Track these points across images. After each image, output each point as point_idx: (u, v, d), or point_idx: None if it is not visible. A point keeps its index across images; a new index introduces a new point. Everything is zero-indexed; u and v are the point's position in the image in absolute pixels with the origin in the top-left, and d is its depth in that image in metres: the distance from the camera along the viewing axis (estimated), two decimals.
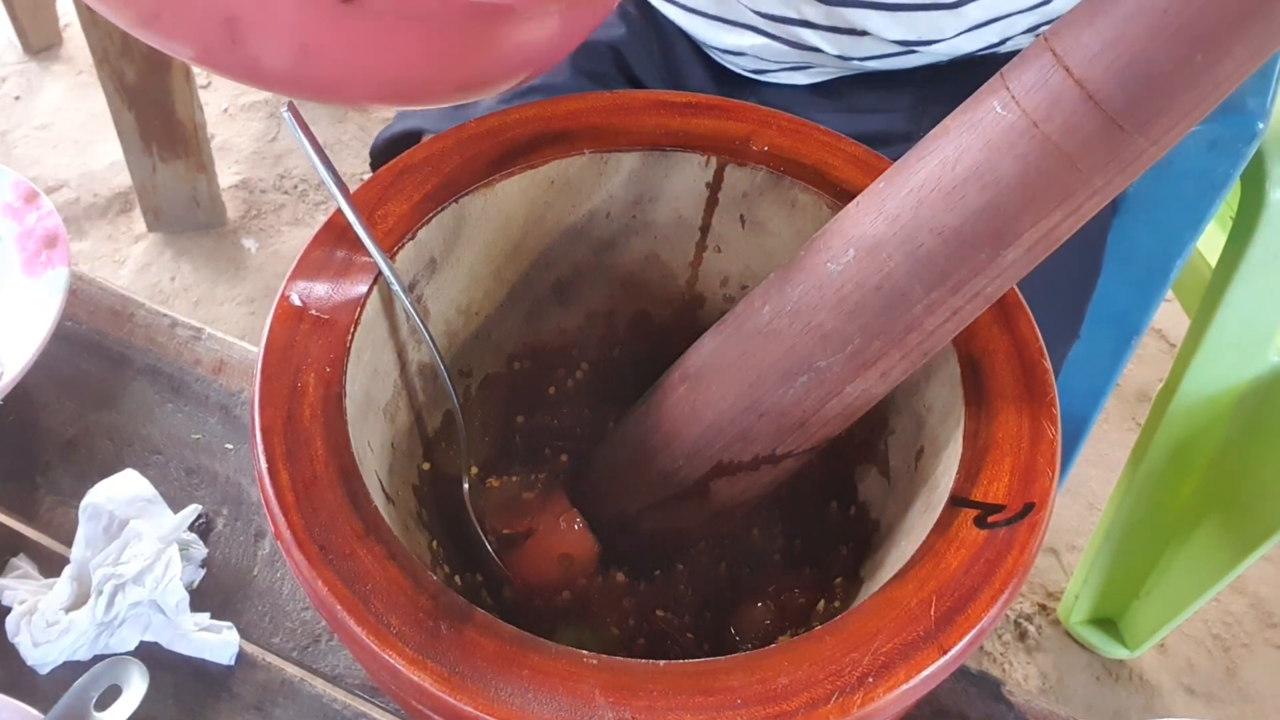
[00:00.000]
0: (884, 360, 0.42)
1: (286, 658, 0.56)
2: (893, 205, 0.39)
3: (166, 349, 0.68)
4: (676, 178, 0.50)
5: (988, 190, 0.37)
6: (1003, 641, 1.26)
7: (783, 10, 0.67)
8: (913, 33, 0.66)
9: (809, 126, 0.51)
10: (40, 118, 1.78)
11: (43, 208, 0.68)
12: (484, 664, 0.35)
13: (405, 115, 0.73)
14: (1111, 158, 0.35)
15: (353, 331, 0.43)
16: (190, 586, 0.57)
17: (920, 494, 0.44)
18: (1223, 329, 0.88)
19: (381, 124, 1.86)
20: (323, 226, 0.46)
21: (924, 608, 0.36)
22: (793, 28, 0.68)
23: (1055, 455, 0.41)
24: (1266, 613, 1.30)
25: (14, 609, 0.55)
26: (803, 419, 0.45)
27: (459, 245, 0.49)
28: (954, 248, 0.38)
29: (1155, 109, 0.34)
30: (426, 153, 0.49)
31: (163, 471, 0.63)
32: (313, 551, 0.37)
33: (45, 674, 0.54)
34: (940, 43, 0.67)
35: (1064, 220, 0.37)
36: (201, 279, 1.59)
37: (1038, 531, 0.38)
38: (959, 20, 0.65)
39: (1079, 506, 1.38)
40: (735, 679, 0.35)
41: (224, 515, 0.61)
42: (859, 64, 0.71)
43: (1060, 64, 0.34)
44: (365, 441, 0.43)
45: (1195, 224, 0.81)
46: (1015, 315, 0.45)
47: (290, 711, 0.54)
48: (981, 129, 0.37)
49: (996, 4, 0.65)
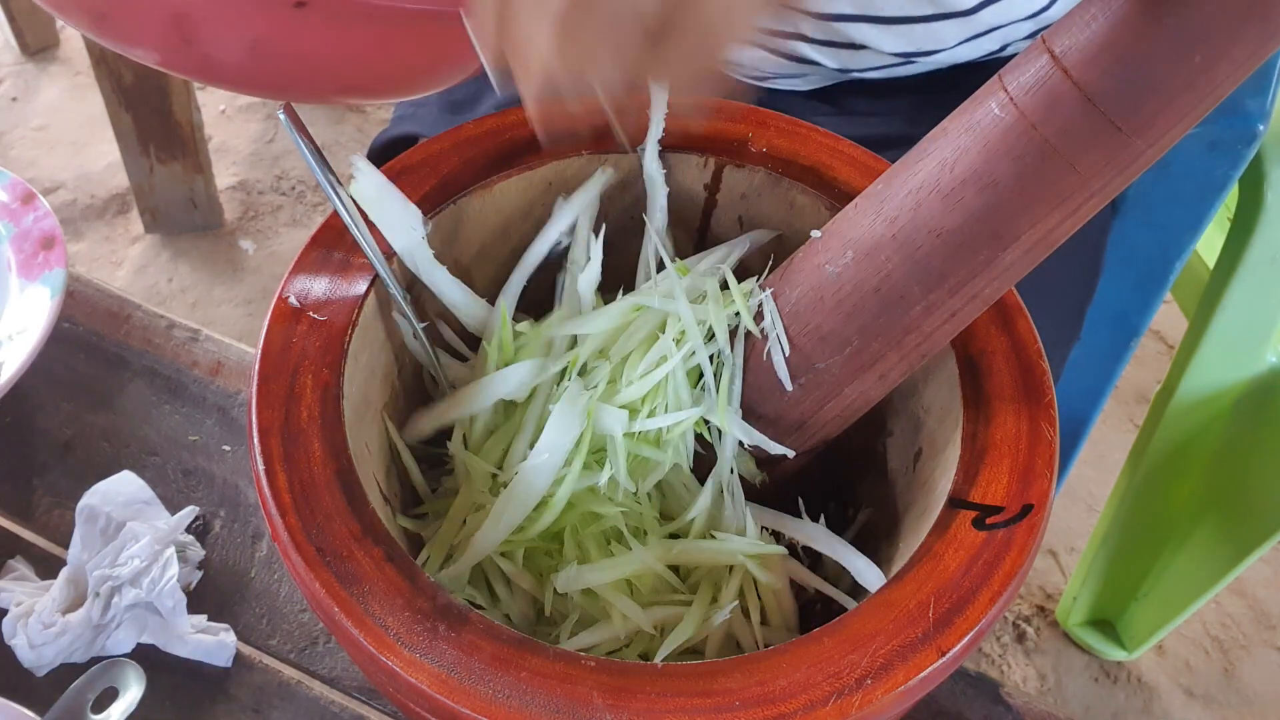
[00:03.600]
0: (882, 362, 0.42)
1: (284, 660, 0.56)
2: (891, 207, 0.39)
3: (164, 350, 0.68)
4: (674, 179, 0.50)
5: (986, 192, 0.37)
6: (1001, 643, 1.26)
7: (778, 25, 0.67)
8: (911, 44, 0.66)
9: (807, 128, 0.51)
10: (37, 119, 1.78)
11: (40, 209, 0.68)
12: (482, 666, 0.35)
13: (402, 119, 0.73)
14: (1109, 159, 0.35)
15: (350, 333, 0.43)
16: (187, 588, 0.57)
17: (919, 495, 0.44)
18: (1221, 330, 0.88)
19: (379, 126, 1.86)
20: (320, 228, 0.46)
21: (922, 609, 0.36)
22: (789, 42, 0.68)
23: (1054, 457, 0.41)
24: (1265, 614, 1.30)
25: (10, 611, 0.54)
26: (801, 420, 0.45)
27: (457, 246, 0.49)
28: (952, 249, 0.38)
29: (1153, 110, 0.34)
30: (424, 154, 0.49)
31: (160, 473, 0.62)
32: (310, 553, 0.37)
33: (42, 676, 0.54)
34: (940, 53, 0.67)
35: (1062, 222, 0.37)
36: (199, 280, 1.59)
37: (1036, 533, 0.38)
38: (961, 29, 0.65)
39: (1077, 508, 1.38)
40: (733, 680, 0.35)
41: (221, 517, 0.61)
42: (858, 75, 0.71)
43: (1058, 65, 0.34)
44: (363, 443, 0.43)
45: (1195, 225, 0.81)
46: (1014, 316, 0.45)
47: (287, 714, 0.54)
48: (979, 131, 0.37)
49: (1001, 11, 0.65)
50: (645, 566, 0.45)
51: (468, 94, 0.72)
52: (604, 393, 0.45)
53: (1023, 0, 0.65)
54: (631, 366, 0.46)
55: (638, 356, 0.46)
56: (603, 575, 0.44)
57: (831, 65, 0.69)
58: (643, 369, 0.45)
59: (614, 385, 0.46)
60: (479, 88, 0.72)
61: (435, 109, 0.72)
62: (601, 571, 0.44)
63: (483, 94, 0.72)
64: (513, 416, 0.48)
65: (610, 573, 0.44)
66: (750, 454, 0.47)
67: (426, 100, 0.74)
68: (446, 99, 0.73)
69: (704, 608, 0.44)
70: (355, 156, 0.45)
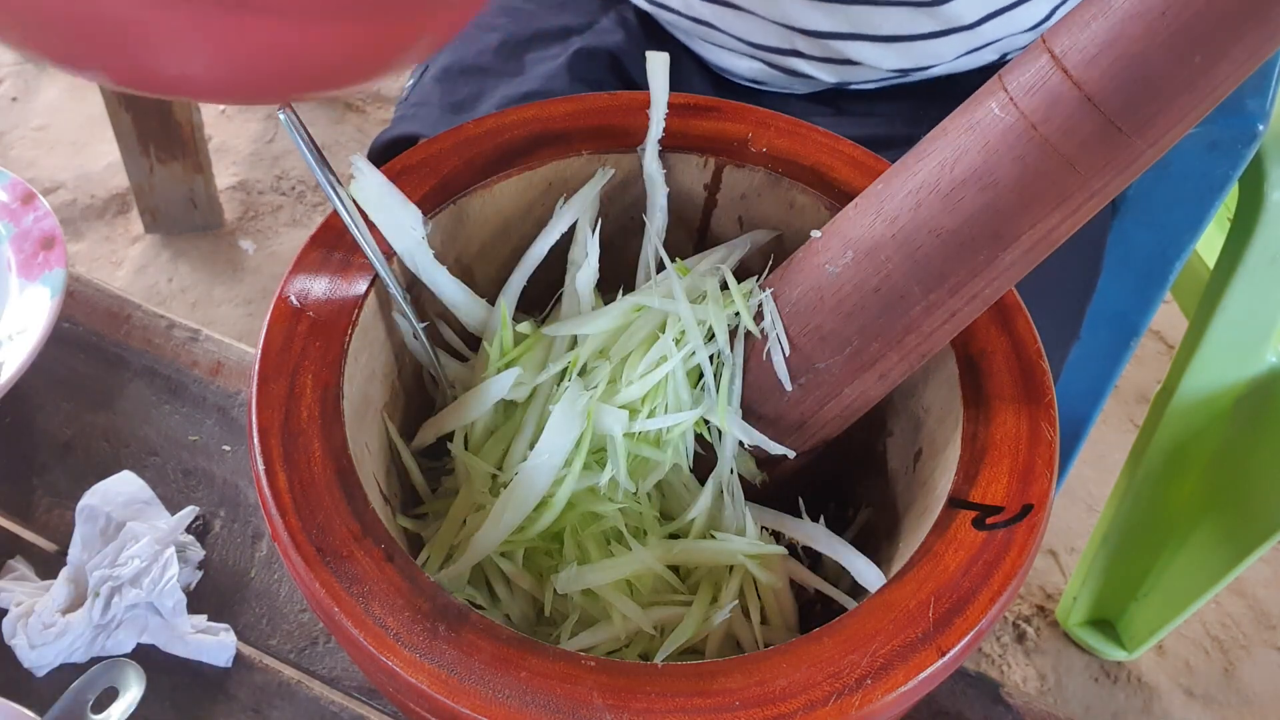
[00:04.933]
0: (882, 362, 0.42)
1: (284, 660, 0.56)
2: (891, 207, 0.39)
3: (164, 350, 0.68)
4: (674, 179, 0.50)
5: (986, 192, 0.37)
6: (1001, 643, 1.26)
7: (776, 42, 0.68)
8: (910, 61, 0.66)
9: (807, 128, 0.51)
10: (37, 119, 1.78)
11: (40, 209, 0.68)
12: (482, 666, 0.35)
13: (402, 120, 0.73)
14: (1110, 159, 0.35)
15: (350, 333, 0.43)
16: (187, 588, 0.57)
17: (918, 495, 0.44)
18: (1221, 330, 0.88)
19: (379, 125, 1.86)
20: (320, 228, 0.46)
21: (922, 609, 0.36)
22: (787, 59, 0.69)
23: (1054, 457, 0.41)
24: (1265, 614, 1.30)
25: (10, 611, 0.54)
26: (801, 420, 0.45)
27: (457, 246, 0.49)
28: (952, 249, 0.38)
29: (1153, 110, 0.34)
30: (425, 154, 0.49)
31: (160, 473, 0.62)
32: (310, 553, 0.37)
33: (42, 676, 0.54)
34: (937, 67, 0.67)
35: (1062, 222, 0.37)
36: (199, 280, 1.59)
37: (1036, 533, 0.38)
38: (961, 43, 0.65)
39: (1077, 508, 1.38)
40: (733, 680, 0.35)
41: (221, 517, 0.61)
42: (855, 87, 0.71)
43: (1058, 65, 0.34)
44: (363, 443, 0.43)
45: (1195, 225, 0.81)
46: (1014, 316, 0.45)
47: (288, 714, 0.54)
48: (980, 131, 0.37)
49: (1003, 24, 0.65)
50: (645, 567, 0.45)
51: (469, 94, 0.72)
52: (604, 393, 0.45)
53: (1024, 12, 0.65)
54: (631, 367, 0.46)
55: (638, 357, 0.46)
56: (603, 576, 0.44)
57: (829, 80, 0.70)
58: (643, 369, 0.45)
59: (614, 385, 0.46)
60: (480, 88, 0.72)
61: (436, 109, 0.72)
62: (601, 572, 0.44)
63: (483, 94, 0.72)
64: (513, 417, 0.48)
65: (610, 573, 0.44)
66: (750, 454, 0.47)
67: (427, 99, 0.74)
68: (448, 100, 0.73)
69: (704, 608, 0.44)
70: (355, 156, 0.45)
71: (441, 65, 0.77)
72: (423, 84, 0.77)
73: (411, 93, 0.79)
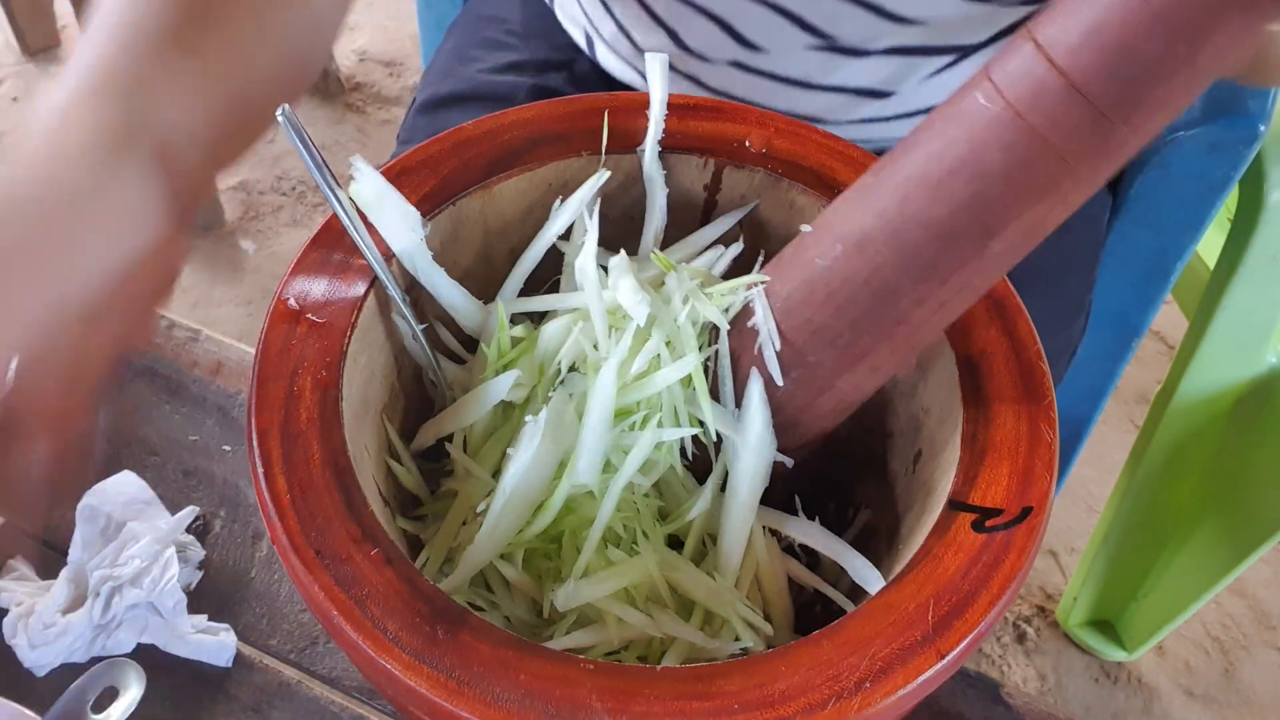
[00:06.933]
0: (874, 354, 0.42)
1: (284, 660, 0.56)
2: (879, 200, 0.39)
3: (164, 350, 0.68)
4: (674, 180, 0.50)
5: (974, 182, 0.37)
6: (1001, 643, 1.26)
7: (747, 95, 0.68)
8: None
9: (807, 129, 0.51)
10: None
11: None
12: (481, 668, 0.35)
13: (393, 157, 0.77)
14: (1097, 147, 0.35)
15: (349, 335, 0.43)
16: (188, 588, 0.57)
17: (918, 497, 0.44)
18: (1221, 330, 0.88)
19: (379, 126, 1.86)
20: (320, 229, 0.46)
21: (922, 611, 0.36)
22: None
23: (1053, 458, 0.41)
24: (1265, 615, 1.30)
25: (11, 611, 0.55)
26: (795, 415, 0.45)
27: (456, 247, 0.49)
28: (942, 240, 0.38)
29: (1139, 97, 0.34)
30: (424, 155, 0.49)
31: (160, 473, 0.62)
32: (309, 555, 0.37)
33: (42, 676, 0.54)
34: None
35: (1051, 211, 0.37)
36: (199, 280, 1.59)
37: (1036, 535, 0.38)
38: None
39: (1077, 508, 1.38)
40: (732, 683, 0.35)
41: (221, 517, 0.61)
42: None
43: (1043, 55, 0.34)
44: (362, 445, 0.43)
45: (1195, 226, 0.81)
46: (1013, 317, 0.45)
47: (287, 714, 0.54)
48: (966, 121, 0.37)
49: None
50: (643, 576, 0.44)
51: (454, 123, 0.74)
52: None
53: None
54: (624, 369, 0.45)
55: (630, 358, 0.46)
56: (600, 589, 0.44)
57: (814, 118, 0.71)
58: (635, 370, 0.45)
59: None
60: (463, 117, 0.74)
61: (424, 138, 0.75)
62: (599, 585, 0.44)
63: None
64: (511, 419, 0.48)
65: (607, 586, 0.44)
66: None
67: (413, 136, 0.79)
68: (430, 131, 0.75)
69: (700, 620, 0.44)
70: (354, 158, 0.45)
71: (422, 100, 0.80)
72: (408, 120, 0.81)
73: (400, 131, 0.83)
